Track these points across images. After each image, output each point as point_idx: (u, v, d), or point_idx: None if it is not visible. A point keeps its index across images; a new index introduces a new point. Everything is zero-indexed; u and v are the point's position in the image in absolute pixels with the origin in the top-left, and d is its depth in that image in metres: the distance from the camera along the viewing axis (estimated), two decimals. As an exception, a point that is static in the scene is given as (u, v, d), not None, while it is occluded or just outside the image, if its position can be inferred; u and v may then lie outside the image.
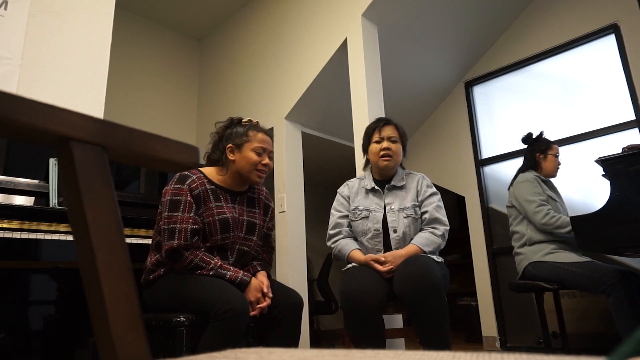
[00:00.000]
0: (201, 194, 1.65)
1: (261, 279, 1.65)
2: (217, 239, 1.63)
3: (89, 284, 0.37)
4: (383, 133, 2.00)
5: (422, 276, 1.62)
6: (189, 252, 1.55)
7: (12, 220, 1.69)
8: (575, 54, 3.43)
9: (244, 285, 1.57)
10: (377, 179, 2.06)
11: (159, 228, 1.63)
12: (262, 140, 1.72)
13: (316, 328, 4.75)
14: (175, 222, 1.56)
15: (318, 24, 3.33)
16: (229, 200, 1.71)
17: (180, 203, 1.59)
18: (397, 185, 2.00)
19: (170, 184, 1.66)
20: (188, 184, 1.63)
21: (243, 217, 1.71)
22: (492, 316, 3.48)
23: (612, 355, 0.24)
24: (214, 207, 1.65)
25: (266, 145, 1.73)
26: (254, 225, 1.74)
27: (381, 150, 1.97)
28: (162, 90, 4.26)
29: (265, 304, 1.58)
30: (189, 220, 1.57)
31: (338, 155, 4.27)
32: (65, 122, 0.37)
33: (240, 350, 0.47)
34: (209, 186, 1.68)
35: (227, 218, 1.65)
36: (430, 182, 2.07)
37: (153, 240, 1.70)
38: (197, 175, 1.68)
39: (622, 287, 2.01)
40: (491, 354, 0.39)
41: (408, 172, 2.08)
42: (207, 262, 1.55)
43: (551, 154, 2.56)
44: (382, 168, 2.00)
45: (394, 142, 1.99)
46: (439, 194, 2.03)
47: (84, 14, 2.33)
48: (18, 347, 1.95)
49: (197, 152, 0.48)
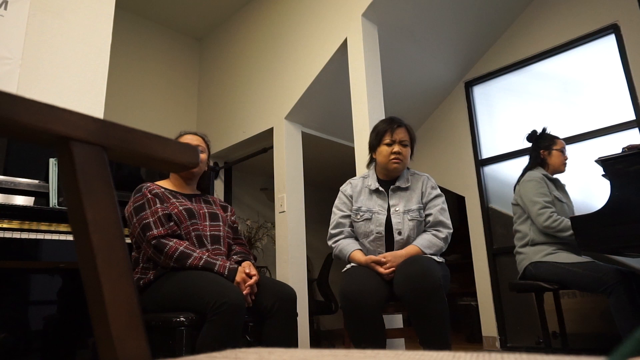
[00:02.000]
0: (160, 194, 1.74)
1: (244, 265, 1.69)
2: (188, 225, 1.70)
3: (89, 284, 0.37)
4: (395, 136, 1.95)
5: (422, 276, 1.62)
6: (174, 242, 1.60)
7: (12, 220, 1.69)
8: (575, 54, 3.42)
9: (234, 273, 1.61)
10: (381, 179, 2.04)
11: (135, 241, 1.71)
12: (191, 140, 1.90)
13: (316, 328, 4.75)
14: (146, 218, 1.64)
15: (318, 24, 3.33)
16: (186, 199, 1.82)
17: (144, 204, 1.68)
18: (402, 186, 1.98)
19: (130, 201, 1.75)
20: (145, 189, 1.73)
21: (203, 210, 1.80)
22: (492, 316, 3.47)
23: (612, 355, 0.24)
24: (175, 201, 1.75)
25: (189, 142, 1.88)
26: (215, 215, 1.83)
27: (392, 153, 1.94)
28: (162, 90, 4.26)
29: (253, 280, 1.62)
30: (157, 210, 1.66)
31: (338, 155, 4.27)
32: (65, 122, 0.37)
33: (240, 350, 0.47)
34: (164, 189, 1.79)
35: (190, 208, 1.75)
36: (435, 183, 2.05)
37: (132, 257, 1.75)
38: (149, 183, 1.80)
39: (622, 287, 2.01)
40: (491, 354, 0.39)
41: (413, 173, 2.06)
42: (193, 250, 1.61)
43: (556, 149, 2.54)
44: (391, 170, 1.98)
45: (405, 145, 1.96)
46: (444, 196, 2.01)
47: (84, 14, 2.33)
48: (18, 347, 1.95)
49: (197, 152, 0.48)
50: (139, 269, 1.69)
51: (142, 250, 1.67)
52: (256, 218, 4.79)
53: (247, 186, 5.01)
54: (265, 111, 3.66)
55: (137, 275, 1.68)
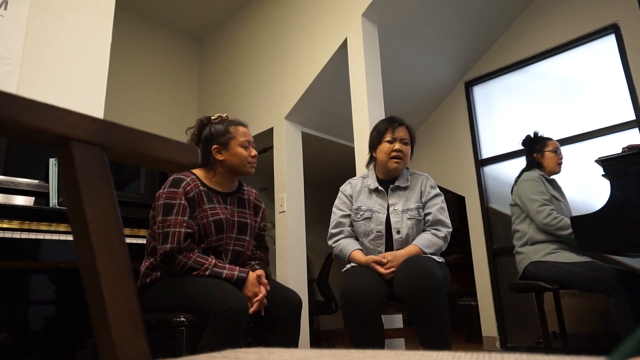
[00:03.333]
0: (196, 196, 1.65)
1: (258, 273, 1.64)
2: (212, 240, 1.64)
3: (89, 284, 0.37)
4: (396, 134, 1.97)
5: (422, 276, 1.62)
6: (182, 256, 1.54)
7: (12, 220, 1.69)
8: (575, 54, 3.42)
9: (241, 282, 1.57)
10: (381, 179, 2.05)
11: (153, 232, 1.64)
12: (245, 133, 1.77)
13: (316, 328, 4.75)
14: (169, 225, 1.56)
15: (318, 24, 3.33)
16: (220, 202, 1.72)
17: (174, 207, 1.59)
18: (401, 186, 1.99)
19: (164, 187, 1.65)
20: (183, 187, 1.63)
21: (234, 218, 1.72)
22: (492, 316, 3.48)
23: (612, 355, 0.24)
24: (207, 208, 1.65)
25: (249, 137, 1.79)
26: (245, 226, 1.75)
27: (393, 151, 1.95)
28: (162, 90, 4.26)
29: (262, 294, 1.57)
30: (182, 223, 1.57)
31: (338, 155, 4.27)
32: (65, 122, 0.37)
33: (240, 351, 0.47)
34: (202, 188, 1.69)
35: (220, 219, 1.66)
36: (434, 183, 2.06)
37: (148, 244, 1.70)
38: (191, 178, 1.68)
39: (622, 287, 2.01)
40: (491, 354, 0.39)
41: (412, 172, 2.07)
42: (201, 263, 1.55)
43: (548, 151, 2.55)
44: (391, 169, 1.98)
45: (405, 144, 1.98)
46: (443, 195, 2.02)
47: (84, 14, 2.33)
48: (18, 347, 1.95)
49: (197, 152, 0.48)
50: (149, 263, 1.65)
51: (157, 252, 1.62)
52: (256, 218, 4.79)
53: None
54: (265, 111, 3.66)
55: (144, 270, 1.66)
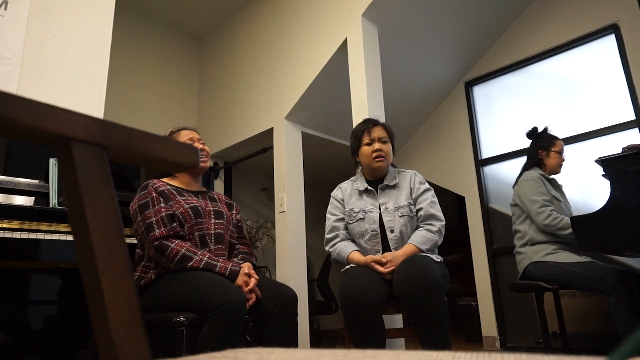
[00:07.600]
0: (166, 191, 1.74)
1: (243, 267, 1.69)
2: (192, 225, 1.70)
3: (89, 284, 0.37)
4: (373, 134, 2.00)
5: (421, 276, 1.62)
6: (175, 244, 1.59)
7: (12, 220, 1.69)
8: (575, 54, 3.42)
9: (235, 275, 1.61)
10: (370, 180, 2.06)
11: (139, 240, 1.70)
12: (187, 134, 1.89)
13: (316, 328, 4.75)
14: (149, 217, 1.64)
15: (318, 24, 3.33)
16: (192, 196, 1.81)
17: (148, 202, 1.68)
18: (389, 184, 2.01)
19: (135, 197, 1.74)
20: (151, 186, 1.73)
21: (209, 208, 1.79)
22: (492, 316, 3.47)
23: (612, 355, 0.24)
24: (181, 199, 1.74)
25: (192, 135, 1.90)
26: (220, 213, 1.82)
27: (373, 152, 1.98)
28: (162, 90, 4.26)
29: (253, 283, 1.61)
30: (161, 210, 1.66)
31: (338, 155, 4.27)
32: (65, 122, 0.37)
33: (240, 350, 0.47)
34: (170, 187, 1.78)
35: (196, 206, 1.74)
36: (423, 178, 2.07)
37: (136, 254, 1.74)
38: (156, 180, 1.78)
39: (622, 287, 2.01)
40: (491, 354, 0.39)
41: (399, 171, 2.08)
42: (194, 253, 1.60)
43: (554, 151, 2.55)
44: (375, 169, 2.00)
45: (384, 142, 2.00)
46: (432, 190, 2.03)
47: (84, 14, 2.33)
48: (18, 347, 1.95)
49: (197, 152, 0.48)
50: (141, 267, 1.69)
51: (146, 249, 1.67)
52: (256, 218, 4.79)
53: (247, 186, 5.01)
54: (265, 111, 3.66)
55: (137, 274, 1.69)
